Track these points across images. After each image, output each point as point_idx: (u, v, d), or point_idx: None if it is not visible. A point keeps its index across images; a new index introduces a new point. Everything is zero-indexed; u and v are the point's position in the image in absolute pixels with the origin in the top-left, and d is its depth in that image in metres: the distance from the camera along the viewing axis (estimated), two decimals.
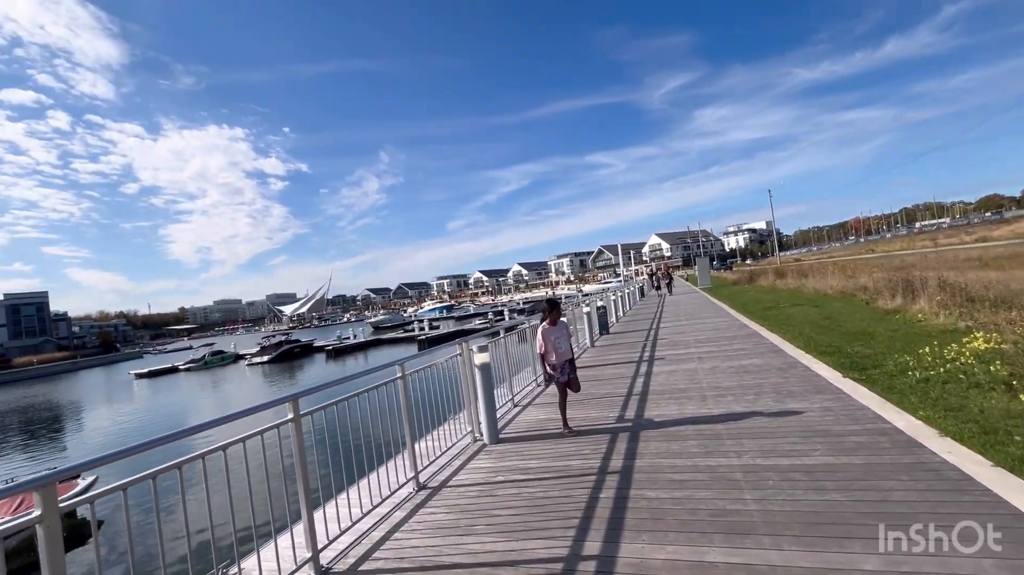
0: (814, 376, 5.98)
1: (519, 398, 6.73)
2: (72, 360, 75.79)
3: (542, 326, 5.15)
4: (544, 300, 5.46)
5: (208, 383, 36.88)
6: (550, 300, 5.44)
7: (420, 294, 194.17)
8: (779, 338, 9.01)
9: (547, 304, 5.27)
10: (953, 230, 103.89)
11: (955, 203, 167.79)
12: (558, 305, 5.34)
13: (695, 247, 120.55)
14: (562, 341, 5.13)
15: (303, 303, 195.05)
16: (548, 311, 5.20)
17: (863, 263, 33.89)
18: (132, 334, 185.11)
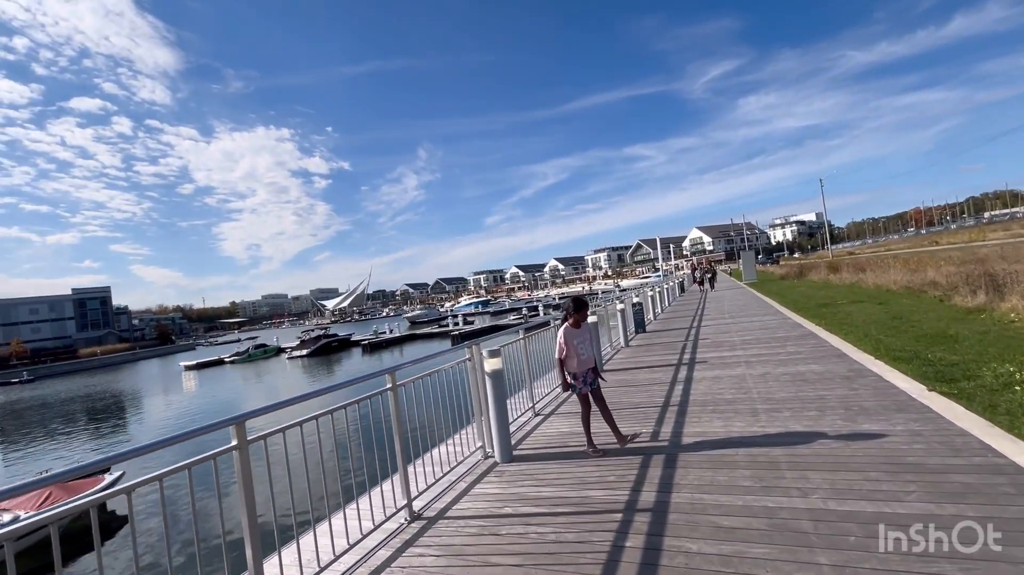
0: (890, 388, 5.03)
1: (541, 406, 6.08)
2: (132, 351, 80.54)
3: (564, 327, 4.48)
4: (570, 299, 4.73)
5: (249, 375, 38.05)
6: (576, 299, 4.65)
7: (457, 289, 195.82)
8: (840, 340, 7.96)
9: (571, 303, 4.56)
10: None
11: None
12: (586, 305, 4.64)
13: (739, 240, 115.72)
14: (585, 346, 4.43)
15: (344, 298, 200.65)
16: (572, 311, 4.51)
17: (928, 256, 31.15)
18: (187, 327, 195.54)
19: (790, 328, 9.95)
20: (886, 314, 10.19)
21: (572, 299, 4.64)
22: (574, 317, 4.47)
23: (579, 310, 4.50)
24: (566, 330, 4.41)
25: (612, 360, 8.91)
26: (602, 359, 8.37)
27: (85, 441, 20.31)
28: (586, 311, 4.59)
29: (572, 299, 4.64)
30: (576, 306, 4.53)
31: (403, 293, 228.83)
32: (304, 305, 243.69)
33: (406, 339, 45.14)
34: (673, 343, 9.95)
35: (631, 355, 9.22)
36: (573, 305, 4.54)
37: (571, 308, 4.53)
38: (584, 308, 4.57)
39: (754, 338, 9.21)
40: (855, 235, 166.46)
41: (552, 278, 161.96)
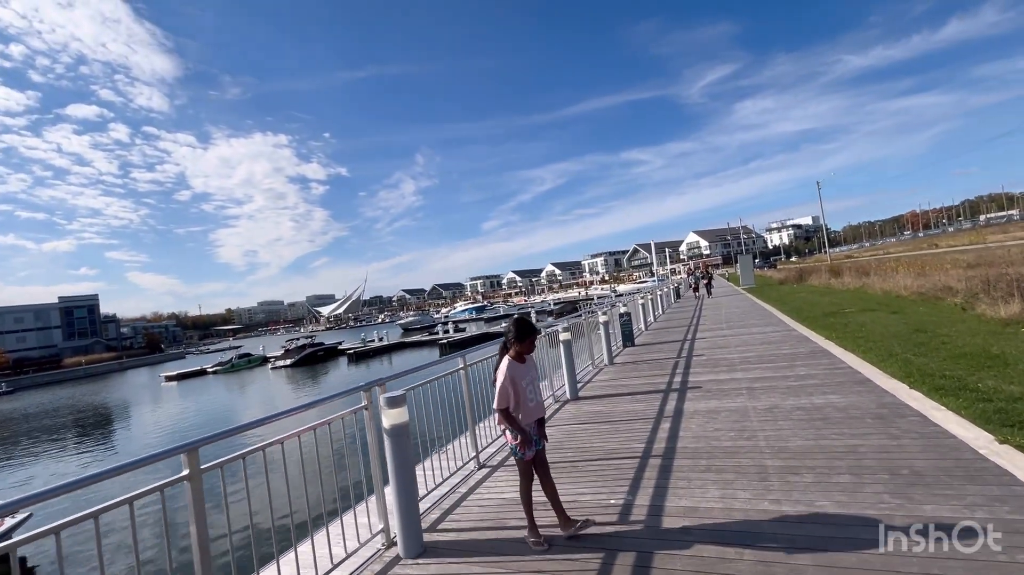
0: (943, 436, 3.77)
1: (488, 454, 4.79)
2: (119, 360, 78.76)
3: (506, 362, 3.07)
4: (512, 321, 3.24)
5: (230, 387, 36.62)
6: (520, 321, 3.19)
7: (454, 294, 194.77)
8: (859, 359, 6.71)
9: (514, 327, 3.12)
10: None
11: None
12: (534, 331, 3.18)
13: (735, 244, 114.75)
14: (534, 389, 3.13)
15: (339, 304, 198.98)
16: (515, 338, 3.10)
17: (932, 259, 30.02)
18: (181, 334, 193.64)
19: (796, 342, 8.70)
20: (905, 325, 8.95)
21: (515, 321, 3.19)
22: (518, 347, 3.12)
23: (525, 337, 3.10)
24: (511, 366, 3.06)
25: (590, 383, 7.63)
26: (577, 384, 7.09)
27: (19, 468, 18.81)
28: (534, 339, 3.19)
29: (515, 321, 3.19)
30: (521, 332, 3.09)
31: (400, 299, 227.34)
32: (300, 312, 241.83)
33: (394, 348, 43.71)
34: (663, 361, 8.68)
35: (614, 376, 7.94)
36: (517, 330, 3.10)
37: (513, 334, 3.10)
38: (532, 335, 3.15)
39: (756, 355, 7.95)
40: (851, 239, 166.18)
41: (549, 283, 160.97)
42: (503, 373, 3.01)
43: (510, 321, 3.24)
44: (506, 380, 2.98)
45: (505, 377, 2.98)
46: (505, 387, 2.97)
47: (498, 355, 3.25)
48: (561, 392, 6.78)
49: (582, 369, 8.40)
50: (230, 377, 42.75)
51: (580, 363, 8.47)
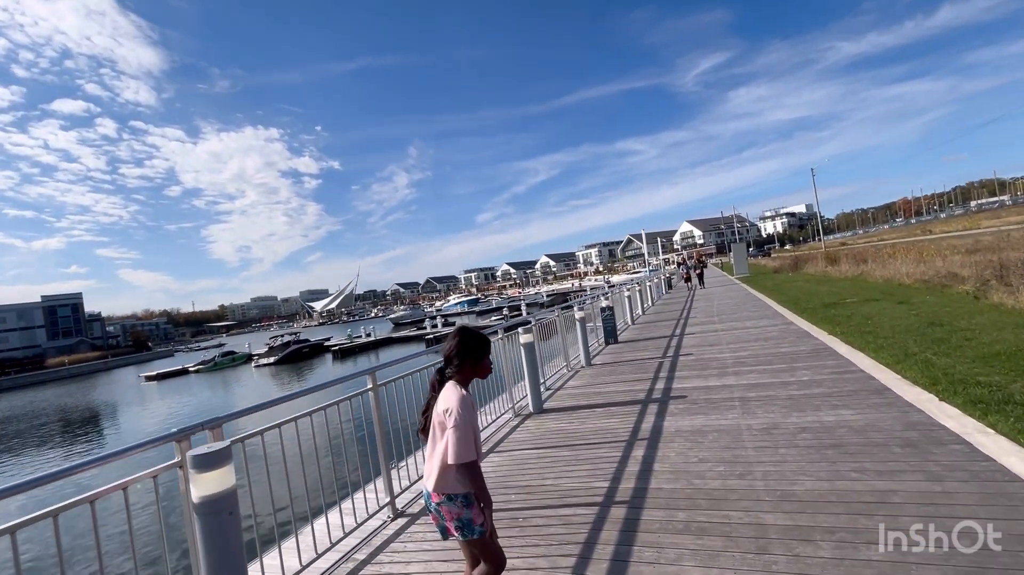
0: (1006, 479, 2.79)
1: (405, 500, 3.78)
2: (103, 360, 77.22)
3: (460, 394, 1.98)
4: (457, 331, 2.14)
5: (209, 386, 35.48)
6: (469, 334, 2.15)
7: (448, 287, 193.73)
8: (870, 359, 5.75)
9: (467, 342, 2.10)
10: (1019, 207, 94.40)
11: (1016, 179, 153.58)
12: (488, 347, 2.18)
13: (729, 233, 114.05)
14: None
15: (332, 299, 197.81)
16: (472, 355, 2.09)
17: (928, 244, 29.24)
18: (173, 332, 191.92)
19: (796, 338, 7.73)
20: (916, 317, 8.01)
21: (464, 334, 2.14)
22: (473, 370, 2.11)
23: (485, 354, 2.13)
24: (463, 401, 1.96)
25: (560, 391, 6.63)
26: (543, 393, 6.10)
27: None
28: (488, 356, 2.17)
29: (464, 334, 2.14)
30: (479, 348, 2.11)
31: (394, 293, 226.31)
32: (293, 307, 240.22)
33: (381, 343, 42.70)
34: (647, 362, 7.70)
35: (589, 381, 6.95)
36: (472, 346, 2.09)
37: (467, 352, 2.08)
38: (487, 351, 2.16)
39: (751, 355, 6.98)
40: (845, 226, 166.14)
41: (543, 275, 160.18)
42: (464, 410, 1.92)
43: (453, 333, 2.16)
44: (471, 423, 1.93)
45: (470, 419, 1.93)
46: (469, 433, 1.91)
47: (435, 380, 2.11)
48: (523, 404, 5.78)
49: (553, 373, 7.40)
50: (213, 376, 41.61)
51: (552, 366, 7.47)
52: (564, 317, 8.17)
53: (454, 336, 2.11)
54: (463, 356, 2.04)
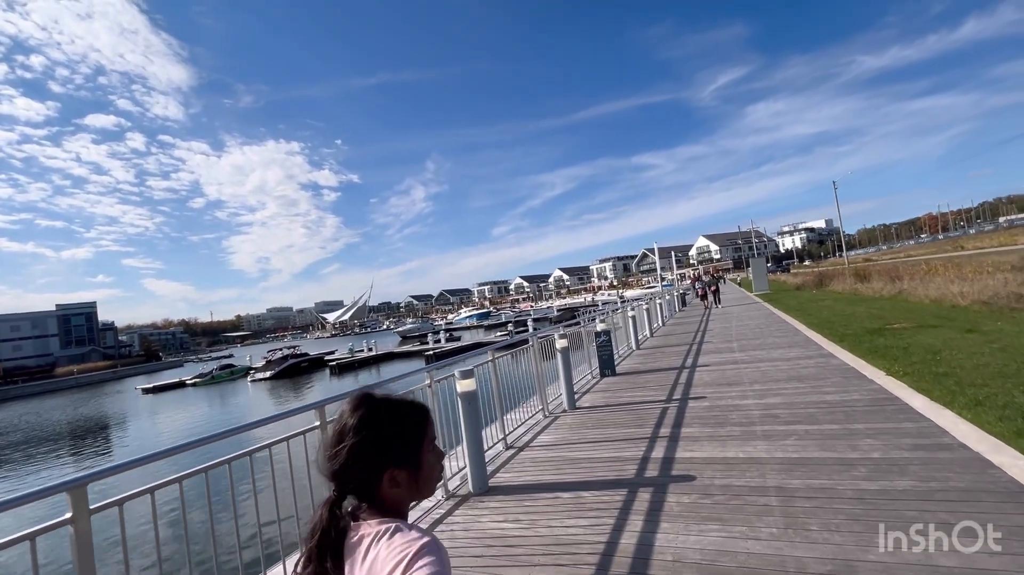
0: None
1: None
2: (113, 369, 77.13)
3: (425, 540, 0.77)
4: (352, 405, 0.89)
5: (200, 401, 34.28)
6: (377, 408, 0.89)
7: (461, 300, 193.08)
8: (967, 424, 3.93)
9: (363, 437, 0.85)
10: None
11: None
12: (422, 424, 0.93)
13: (746, 248, 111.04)
14: None
15: (345, 311, 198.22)
16: (407, 446, 0.89)
17: (964, 261, 26.87)
18: (188, 341, 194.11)
19: (842, 378, 5.91)
20: (1004, 353, 6.11)
21: (362, 415, 0.88)
22: (416, 485, 0.90)
23: (420, 444, 0.91)
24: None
25: (524, 455, 4.89)
26: (487, 467, 4.40)
27: None
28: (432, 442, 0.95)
29: (362, 415, 0.88)
30: (407, 437, 0.89)
31: (407, 305, 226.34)
32: (308, 318, 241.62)
33: (383, 358, 41.16)
34: (645, 408, 5.93)
35: (565, 437, 5.20)
36: (396, 434, 0.88)
37: (384, 454, 0.86)
38: (426, 435, 0.93)
39: (784, 403, 5.18)
40: (866, 242, 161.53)
41: (557, 288, 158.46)
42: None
43: (347, 410, 0.89)
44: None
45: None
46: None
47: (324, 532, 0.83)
48: (458, 484, 4.07)
49: (522, 422, 5.66)
50: (210, 389, 40.53)
51: (524, 411, 5.74)
52: (535, 347, 6.44)
53: (354, 415, 0.88)
54: (382, 460, 0.86)
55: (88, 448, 22.54)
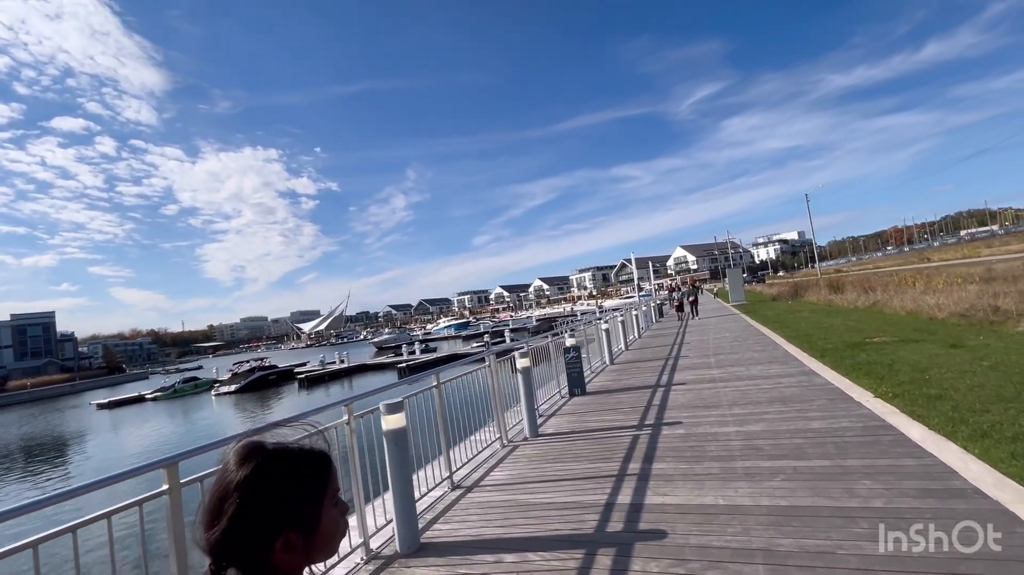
0: None
1: None
2: (70, 383, 73.37)
3: None
4: (238, 457, 0.69)
5: (163, 416, 32.48)
6: (269, 460, 0.71)
7: (441, 310, 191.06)
8: (977, 463, 3.40)
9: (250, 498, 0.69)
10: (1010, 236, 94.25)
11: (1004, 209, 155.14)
12: (322, 481, 0.78)
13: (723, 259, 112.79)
14: None
15: (321, 321, 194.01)
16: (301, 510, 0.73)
17: (932, 272, 27.32)
18: (157, 352, 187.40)
19: (828, 401, 5.39)
20: (996, 372, 5.69)
21: (251, 468, 0.70)
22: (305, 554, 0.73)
23: (317, 509, 0.75)
24: None
25: (473, 496, 4.19)
26: (415, 520, 3.71)
27: None
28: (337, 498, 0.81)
29: (251, 468, 0.70)
30: (304, 502, 0.74)
31: (386, 315, 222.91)
32: (283, 328, 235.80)
33: (355, 370, 39.79)
34: (614, 436, 5.30)
35: (523, 472, 4.52)
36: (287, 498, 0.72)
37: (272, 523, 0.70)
38: (326, 493, 0.77)
39: (768, 432, 4.61)
40: (836, 253, 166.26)
41: (537, 298, 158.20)
42: None
43: (234, 459, 0.72)
44: None
45: None
46: None
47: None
48: (386, 541, 3.36)
49: (467, 460, 4.95)
50: (172, 404, 38.54)
51: (466, 449, 5.03)
52: (492, 367, 5.76)
53: (240, 470, 0.71)
54: (276, 524, 0.71)
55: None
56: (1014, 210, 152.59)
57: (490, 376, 5.49)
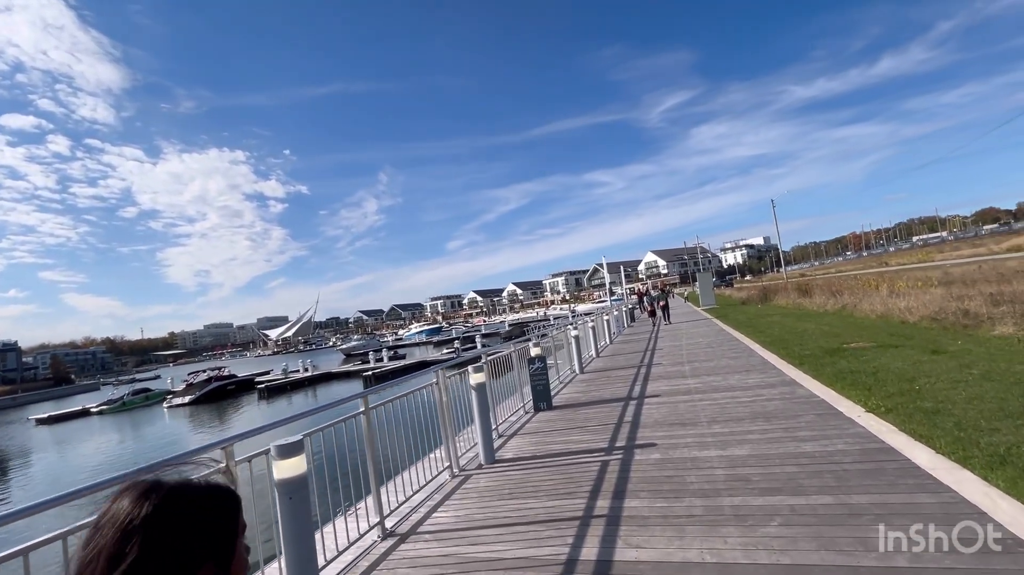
0: None
1: None
2: (11, 395, 68.58)
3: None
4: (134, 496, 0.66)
5: (108, 433, 30.28)
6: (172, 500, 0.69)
7: (413, 315, 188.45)
8: (1007, 499, 2.85)
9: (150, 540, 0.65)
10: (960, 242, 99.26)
11: (952, 216, 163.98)
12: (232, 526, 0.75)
13: (692, 264, 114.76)
14: None
15: (289, 327, 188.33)
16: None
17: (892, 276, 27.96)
18: (112, 361, 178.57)
19: (816, 417, 4.85)
20: (990, 382, 5.27)
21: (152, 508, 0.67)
22: None
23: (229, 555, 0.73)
24: None
25: (406, 547, 3.42)
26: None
27: None
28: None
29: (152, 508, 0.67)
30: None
31: (356, 320, 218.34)
32: (249, 335, 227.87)
33: (319, 379, 38.16)
34: (581, 462, 4.61)
35: (468, 514, 3.77)
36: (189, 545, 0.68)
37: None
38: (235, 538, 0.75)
39: (756, 459, 4.01)
40: (800, 258, 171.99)
41: (510, 303, 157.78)
42: None
43: (130, 499, 0.67)
44: None
45: None
46: None
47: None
48: None
49: (408, 497, 4.16)
50: (120, 418, 36.13)
51: (406, 482, 4.26)
52: (440, 387, 5.01)
53: (139, 507, 0.67)
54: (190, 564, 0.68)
55: None
56: (961, 218, 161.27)
57: (440, 393, 4.74)
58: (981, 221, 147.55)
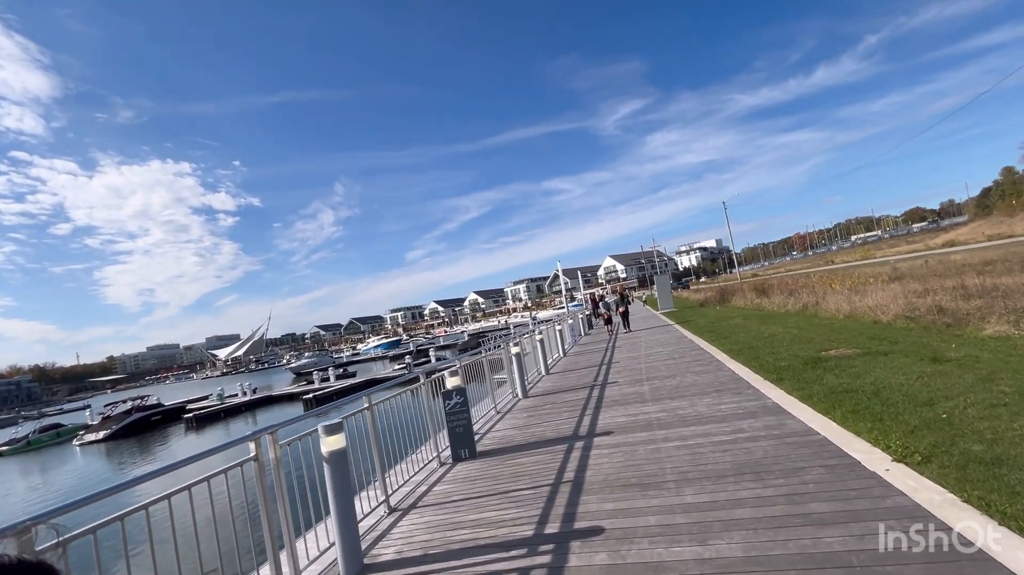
0: None
1: None
2: None
3: None
4: None
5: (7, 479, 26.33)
6: None
7: (373, 328, 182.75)
8: None
9: None
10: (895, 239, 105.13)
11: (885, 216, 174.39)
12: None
13: (649, 267, 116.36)
14: None
15: (239, 346, 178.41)
16: None
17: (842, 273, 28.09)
18: (40, 391, 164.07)
19: (829, 472, 3.41)
20: (986, 389, 4.00)
21: None
22: None
23: None
24: None
25: None
26: None
27: None
28: None
29: None
30: None
31: (313, 335, 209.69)
32: (197, 355, 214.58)
33: (260, 403, 34.99)
34: (495, 565, 2.97)
35: None
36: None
37: None
38: None
39: (760, 563, 2.48)
40: (750, 259, 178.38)
41: (472, 312, 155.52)
42: None
43: None
44: None
45: None
46: None
47: None
48: None
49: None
50: (25, 458, 31.86)
51: None
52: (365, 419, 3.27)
53: None
54: None
55: None
56: (893, 217, 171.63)
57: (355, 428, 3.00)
58: (911, 220, 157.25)
